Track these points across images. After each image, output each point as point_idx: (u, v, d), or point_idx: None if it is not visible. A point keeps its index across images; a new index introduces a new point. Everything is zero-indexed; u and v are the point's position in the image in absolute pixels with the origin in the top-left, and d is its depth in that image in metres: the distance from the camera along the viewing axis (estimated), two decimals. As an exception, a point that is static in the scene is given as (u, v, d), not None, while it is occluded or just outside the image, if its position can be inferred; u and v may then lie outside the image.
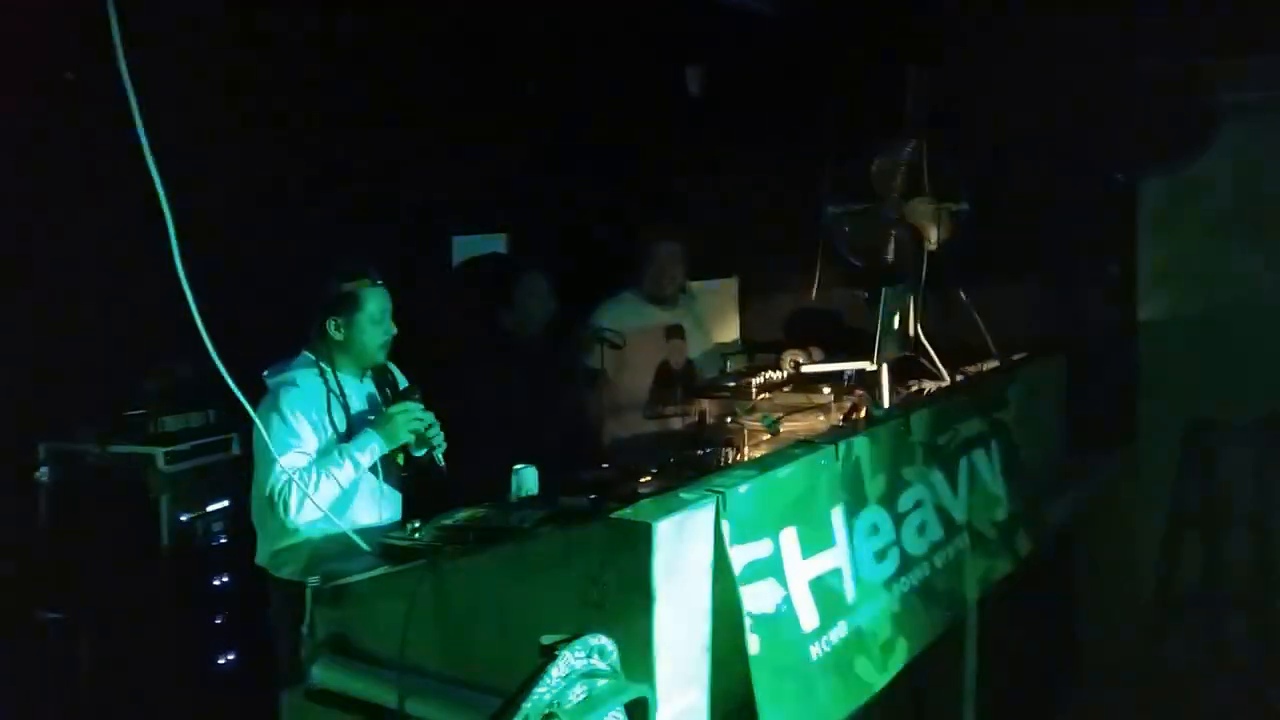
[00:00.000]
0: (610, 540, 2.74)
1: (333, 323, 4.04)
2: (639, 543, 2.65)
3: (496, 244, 6.40)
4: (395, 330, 4.12)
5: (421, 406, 4.03)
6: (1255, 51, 5.61)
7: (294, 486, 3.72)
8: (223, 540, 4.99)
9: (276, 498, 3.75)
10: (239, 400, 3.16)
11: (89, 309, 4.87)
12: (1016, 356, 5.29)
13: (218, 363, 2.99)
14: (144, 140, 2.74)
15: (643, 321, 5.62)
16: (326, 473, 3.81)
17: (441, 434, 4.07)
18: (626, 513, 2.77)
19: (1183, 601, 5.91)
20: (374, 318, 4.06)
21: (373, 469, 4.01)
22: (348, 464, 3.86)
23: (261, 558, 4.05)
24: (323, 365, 4.04)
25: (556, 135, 6.43)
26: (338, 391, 4.02)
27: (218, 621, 4.95)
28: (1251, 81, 5.72)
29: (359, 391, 4.15)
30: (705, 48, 6.62)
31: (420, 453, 4.10)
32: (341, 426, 4.00)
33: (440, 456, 4.08)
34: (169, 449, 4.87)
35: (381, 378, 4.24)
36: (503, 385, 5.06)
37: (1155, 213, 6.08)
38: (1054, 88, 5.66)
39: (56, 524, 4.87)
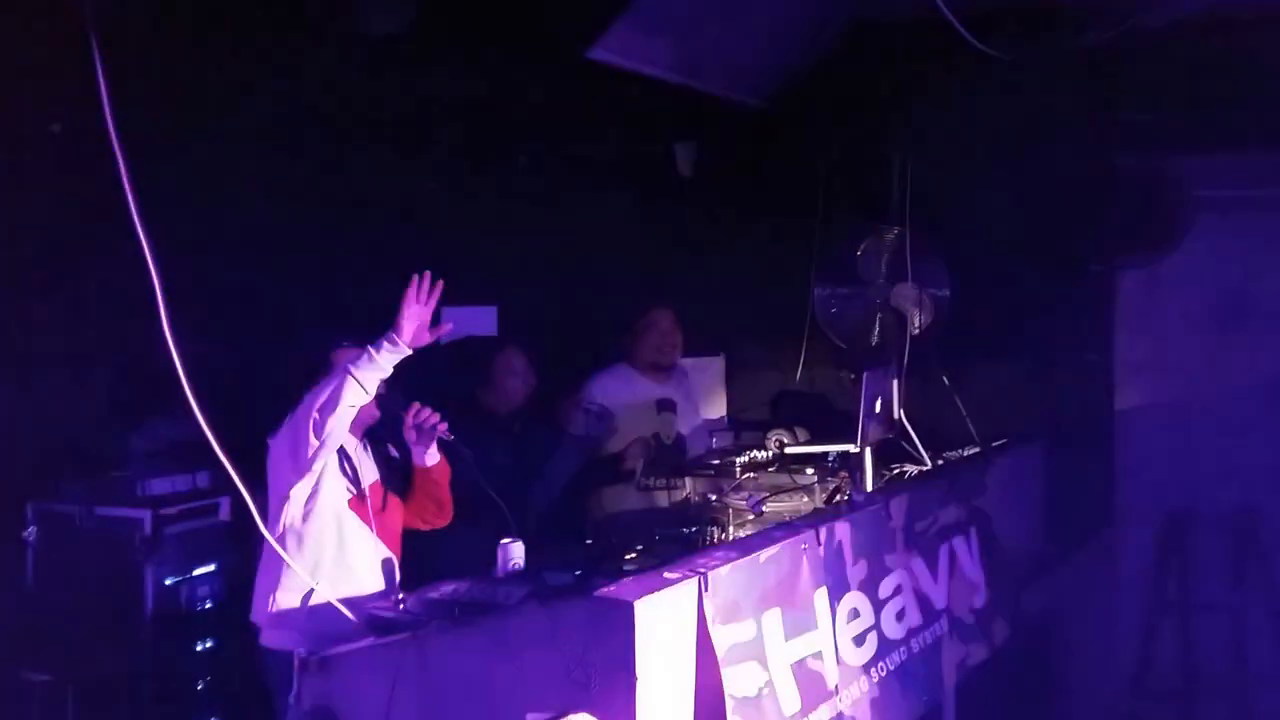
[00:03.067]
0: (593, 618, 2.77)
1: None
2: (622, 621, 2.69)
3: (488, 316, 6.45)
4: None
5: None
6: (1226, 149, 5.75)
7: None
8: (208, 605, 4.98)
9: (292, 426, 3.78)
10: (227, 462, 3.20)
11: (78, 369, 4.90)
12: (996, 443, 5.35)
13: (203, 424, 3.04)
14: (131, 202, 2.79)
15: (635, 393, 5.64)
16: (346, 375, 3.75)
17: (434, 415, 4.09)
18: (609, 591, 2.81)
19: (1160, 691, 5.93)
20: None
21: (368, 525, 4.05)
22: (365, 366, 3.75)
23: (257, 614, 4.05)
24: None
25: (549, 211, 6.51)
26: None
27: (199, 687, 4.93)
28: (1224, 178, 5.85)
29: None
30: (696, 132, 6.73)
31: (429, 456, 4.16)
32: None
33: (445, 435, 4.11)
34: (156, 512, 4.87)
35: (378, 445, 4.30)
36: (486, 461, 5.09)
37: (1131, 304, 6.18)
38: (1032, 179, 5.78)
39: (43, 585, 4.86)
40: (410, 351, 3.78)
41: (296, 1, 4.41)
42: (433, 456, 4.21)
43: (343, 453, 4.09)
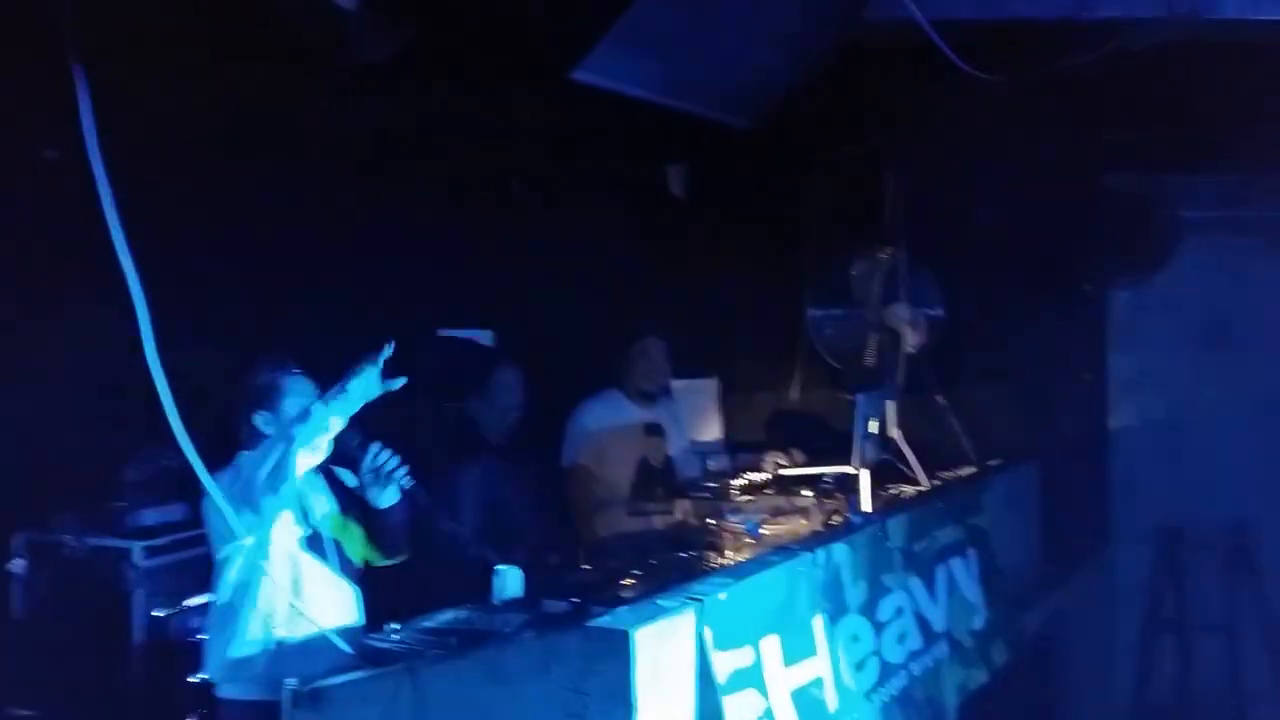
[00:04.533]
0: (590, 648, 2.73)
1: (260, 417, 3.91)
2: (619, 651, 2.66)
3: (483, 340, 6.44)
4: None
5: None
6: (1211, 171, 5.78)
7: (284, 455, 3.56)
8: (199, 636, 4.92)
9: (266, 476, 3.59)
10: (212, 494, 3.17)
11: (68, 399, 4.86)
12: (992, 463, 5.33)
13: (190, 453, 3.00)
14: (116, 231, 2.76)
15: (622, 420, 5.65)
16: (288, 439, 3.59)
17: (394, 459, 3.88)
18: (605, 620, 2.77)
19: (1159, 709, 5.91)
20: (299, 405, 3.82)
21: (327, 560, 3.94)
22: (311, 425, 3.56)
23: (212, 669, 3.90)
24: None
25: (542, 234, 6.50)
26: None
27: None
28: (1209, 199, 5.89)
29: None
30: (686, 153, 6.73)
31: (385, 497, 3.96)
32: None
33: (404, 480, 3.88)
34: (146, 543, 4.82)
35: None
36: (478, 480, 5.06)
37: (1123, 323, 6.19)
38: (1023, 200, 5.78)
39: (31, 617, 4.81)
40: (356, 409, 3.59)
41: (285, 29, 4.38)
42: (389, 498, 3.96)
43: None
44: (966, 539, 4.53)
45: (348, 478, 4.08)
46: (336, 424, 3.57)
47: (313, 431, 3.56)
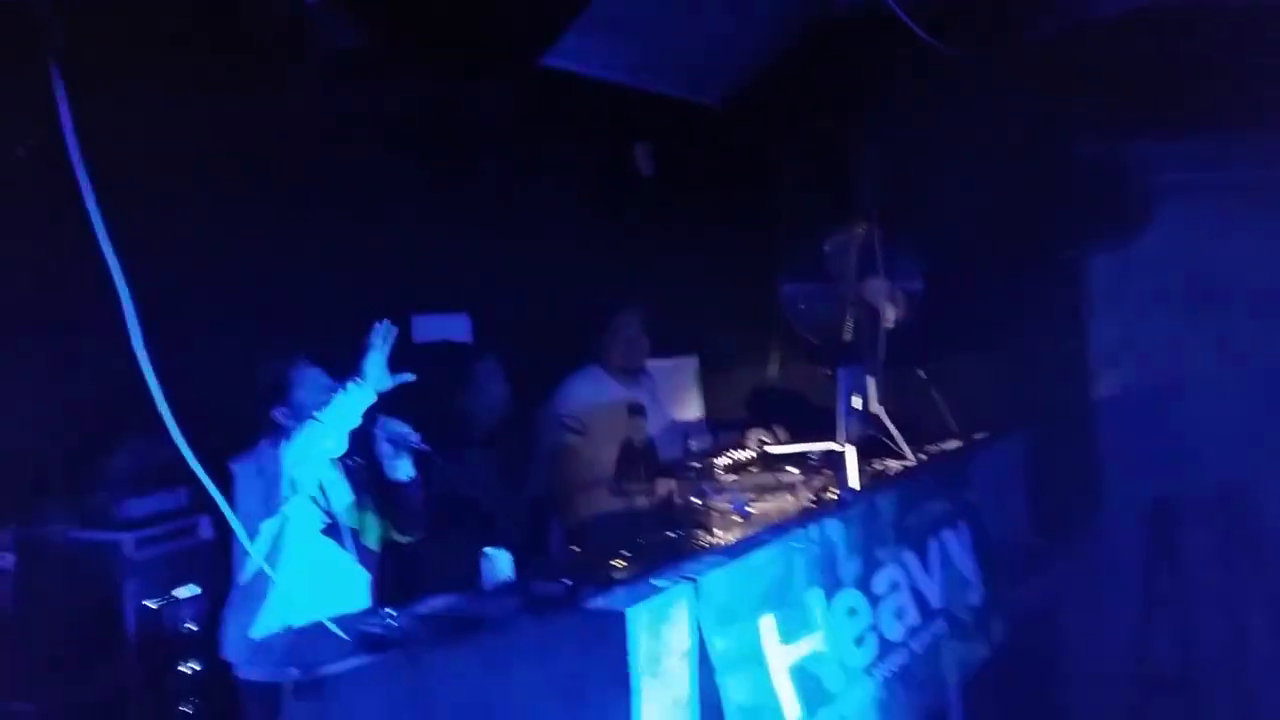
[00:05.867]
0: (587, 631, 2.75)
1: (280, 412, 4.05)
2: (615, 633, 2.66)
3: (461, 323, 6.42)
4: None
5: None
6: (1183, 135, 5.80)
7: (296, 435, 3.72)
8: (192, 627, 4.92)
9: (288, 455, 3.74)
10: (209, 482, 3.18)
11: (53, 390, 4.84)
12: (978, 435, 5.36)
13: (182, 445, 3.02)
14: (96, 223, 2.77)
15: (606, 397, 5.65)
16: (313, 420, 3.76)
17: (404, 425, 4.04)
18: (600, 603, 2.79)
19: (1161, 679, 5.94)
20: (313, 395, 4.00)
21: (342, 542, 4.02)
22: (333, 408, 3.76)
23: (231, 651, 4.02)
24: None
25: (515, 215, 6.49)
26: None
27: (184, 710, 4.88)
28: (1182, 162, 5.90)
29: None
30: (659, 132, 6.73)
31: (402, 469, 4.10)
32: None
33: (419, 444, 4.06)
34: (135, 535, 4.81)
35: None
36: (466, 466, 5.07)
37: (1103, 290, 6.21)
38: (996, 169, 5.80)
39: (21, 611, 4.80)
40: (375, 397, 3.78)
41: (255, 19, 4.37)
42: (406, 470, 4.14)
43: None
44: (956, 512, 4.55)
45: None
46: (359, 408, 3.75)
47: (338, 415, 3.71)
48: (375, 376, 3.78)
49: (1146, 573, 6.01)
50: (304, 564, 3.95)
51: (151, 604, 4.80)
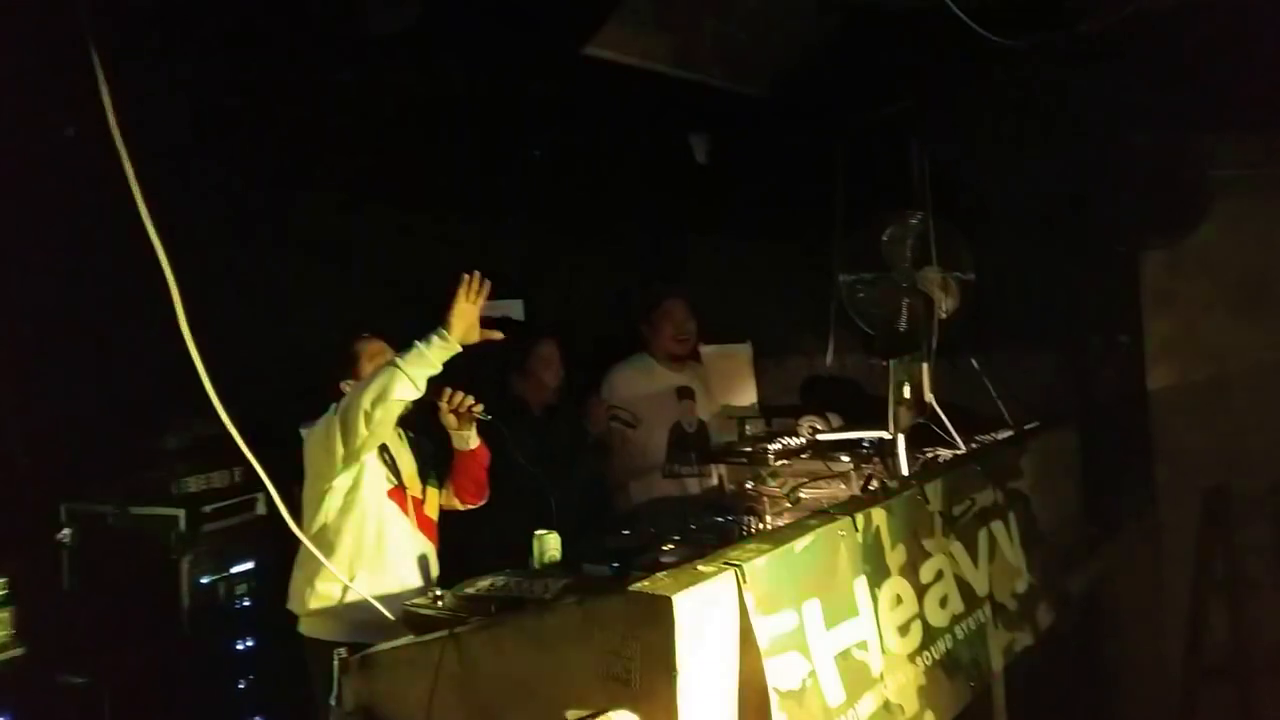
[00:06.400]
0: (631, 614, 2.75)
1: (347, 385, 4.16)
2: (660, 617, 2.67)
3: (514, 309, 6.47)
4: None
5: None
6: (1242, 128, 5.72)
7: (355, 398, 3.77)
8: (246, 603, 5.00)
9: (342, 418, 3.80)
10: (258, 461, 3.23)
11: (111, 368, 4.92)
12: (1029, 426, 5.32)
13: (227, 423, 3.08)
14: (140, 203, 2.82)
15: (655, 383, 5.70)
16: (393, 367, 3.80)
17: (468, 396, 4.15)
18: (646, 586, 2.79)
19: (1212, 670, 5.88)
20: (378, 362, 4.11)
21: (406, 514, 4.09)
22: (414, 357, 3.81)
23: (294, 603, 4.10)
24: None
25: (573, 204, 6.51)
26: None
27: (241, 686, 4.95)
28: (1240, 157, 5.82)
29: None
30: (715, 121, 6.71)
31: (469, 439, 4.25)
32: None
33: (483, 415, 4.20)
34: (190, 510, 4.89)
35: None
36: (519, 447, 5.10)
37: (1158, 284, 6.14)
38: (1052, 161, 5.75)
39: (79, 586, 4.89)
40: (460, 349, 3.80)
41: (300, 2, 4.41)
42: (473, 439, 4.27)
43: (381, 444, 4.13)
44: (1006, 502, 4.52)
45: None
46: (441, 358, 3.80)
47: (419, 363, 3.77)
48: (461, 329, 3.80)
49: (1199, 563, 5.93)
50: (370, 525, 4.04)
51: (206, 579, 4.88)
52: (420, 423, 4.33)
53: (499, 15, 4.77)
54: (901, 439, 4.43)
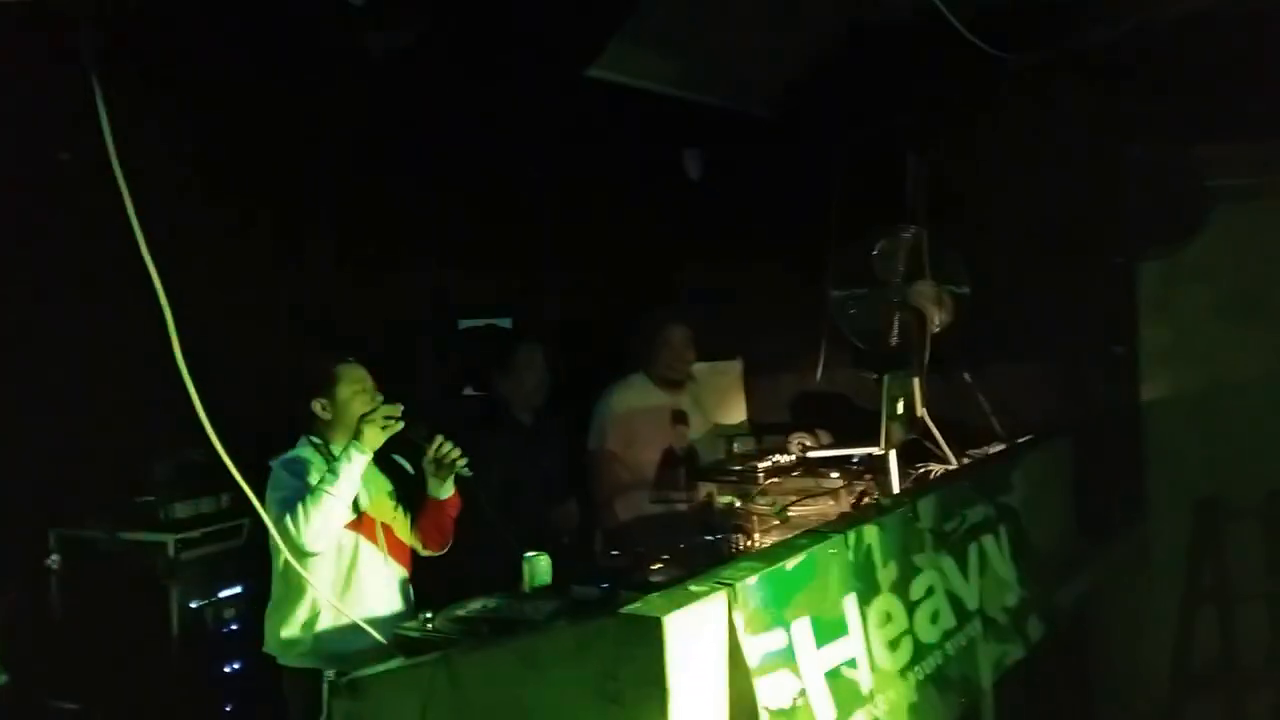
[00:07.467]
0: (622, 635, 2.74)
1: (318, 404, 4.12)
2: (651, 638, 2.66)
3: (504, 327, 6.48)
4: (381, 399, 4.10)
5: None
6: (1239, 139, 5.72)
7: (300, 506, 3.74)
8: (234, 627, 4.98)
9: (288, 521, 3.74)
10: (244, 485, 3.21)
11: (99, 395, 4.91)
12: (1021, 439, 5.31)
13: (218, 447, 3.05)
14: (137, 229, 2.81)
15: (649, 404, 5.67)
16: (323, 492, 3.79)
17: (456, 450, 4.11)
18: (637, 607, 2.78)
19: (1202, 682, 5.87)
20: (354, 390, 4.12)
21: (377, 544, 4.06)
22: (340, 478, 3.81)
23: (270, 644, 4.06)
24: (317, 441, 4.13)
25: (562, 222, 6.51)
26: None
27: (229, 709, 4.93)
28: (1237, 167, 5.82)
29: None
30: (707, 138, 6.73)
31: (444, 489, 4.19)
32: None
33: (464, 469, 4.14)
34: (179, 536, 4.88)
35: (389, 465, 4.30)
36: (504, 463, 5.09)
37: (1154, 295, 6.13)
38: (1047, 173, 5.75)
39: (68, 612, 4.88)
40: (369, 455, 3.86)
41: (301, 22, 4.41)
42: (448, 490, 4.22)
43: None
44: (997, 516, 4.51)
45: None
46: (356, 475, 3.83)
47: (348, 482, 3.82)
48: (372, 437, 3.85)
49: (1190, 573, 5.92)
50: (343, 562, 4.00)
51: (194, 604, 4.86)
52: (401, 451, 4.29)
53: (498, 38, 4.79)
54: (893, 455, 4.42)
